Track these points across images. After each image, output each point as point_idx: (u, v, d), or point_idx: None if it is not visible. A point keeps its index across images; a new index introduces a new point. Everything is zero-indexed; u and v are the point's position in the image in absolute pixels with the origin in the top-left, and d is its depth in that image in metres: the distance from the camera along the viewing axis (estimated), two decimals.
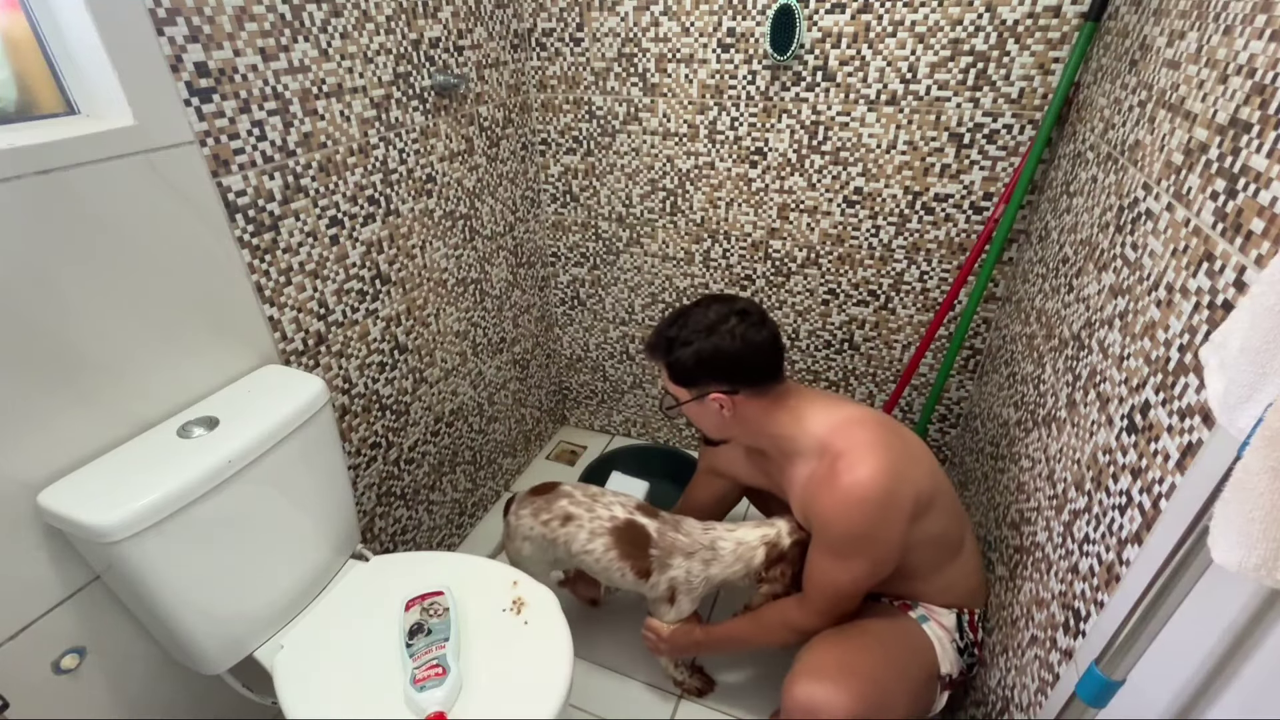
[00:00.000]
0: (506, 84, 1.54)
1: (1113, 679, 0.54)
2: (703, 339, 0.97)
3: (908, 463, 0.95)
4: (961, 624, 1.05)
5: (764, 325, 0.99)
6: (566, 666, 0.94)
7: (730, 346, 0.97)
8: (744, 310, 0.99)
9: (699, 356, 0.98)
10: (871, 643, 1.00)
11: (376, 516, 1.41)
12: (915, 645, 1.02)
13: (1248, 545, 0.37)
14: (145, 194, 0.86)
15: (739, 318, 0.98)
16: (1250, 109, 0.58)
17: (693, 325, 0.99)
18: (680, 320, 1.01)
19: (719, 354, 0.97)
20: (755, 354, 0.98)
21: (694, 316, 1.00)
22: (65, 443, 0.83)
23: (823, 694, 0.91)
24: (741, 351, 0.97)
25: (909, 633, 1.03)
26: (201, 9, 0.88)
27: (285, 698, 0.91)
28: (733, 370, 0.98)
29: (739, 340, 0.97)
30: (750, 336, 0.97)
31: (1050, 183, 1.25)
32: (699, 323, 0.99)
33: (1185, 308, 0.62)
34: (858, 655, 0.97)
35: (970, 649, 1.05)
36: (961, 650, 1.04)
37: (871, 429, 0.97)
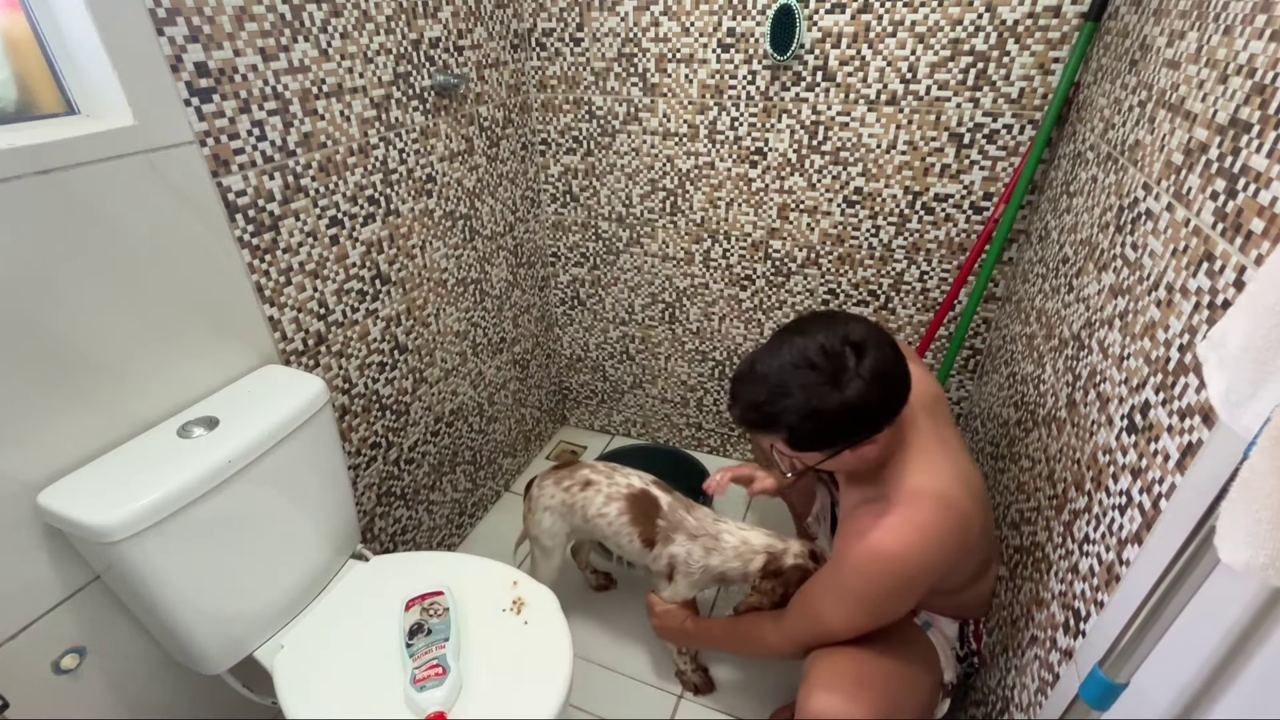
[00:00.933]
0: (506, 84, 1.54)
1: (1116, 681, 0.54)
2: (829, 397, 0.77)
3: (950, 550, 0.84)
4: (964, 634, 1.03)
5: (885, 344, 0.80)
6: (566, 666, 0.94)
7: (867, 396, 0.77)
8: (860, 341, 0.78)
9: (833, 421, 0.79)
10: (883, 652, 0.94)
11: (376, 516, 1.41)
12: (923, 654, 1.00)
13: (1255, 545, 0.37)
14: (145, 194, 0.86)
15: (856, 352, 0.78)
16: (1250, 109, 0.58)
17: (804, 384, 0.78)
18: (780, 379, 0.79)
19: (856, 410, 0.78)
20: (894, 388, 0.80)
21: (800, 372, 0.78)
22: (65, 443, 0.83)
23: (839, 706, 0.87)
24: (882, 393, 0.78)
25: (917, 641, 1.01)
26: (201, 9, 0.88)
27: (285, 698, 0.91)
28: (876, 419, 0.80)
29: (873, 383, 0.77)
30: (882, 369, 0.78)
31: (1050, 183, 1.25)
32: (815, 379, 0.78)
33: (1185, 308, 0.62)
34: (871, 666, 0.92)
35: (970, 657, 1.04)
36: (961, 658, 1.03)
37: (943, 511, 0.83)
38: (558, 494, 1.28)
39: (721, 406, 1.92)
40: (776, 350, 0.81)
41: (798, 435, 0.81)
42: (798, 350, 0.79)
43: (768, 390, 0.80)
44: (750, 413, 0.83)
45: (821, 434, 0.81)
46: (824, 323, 0.81)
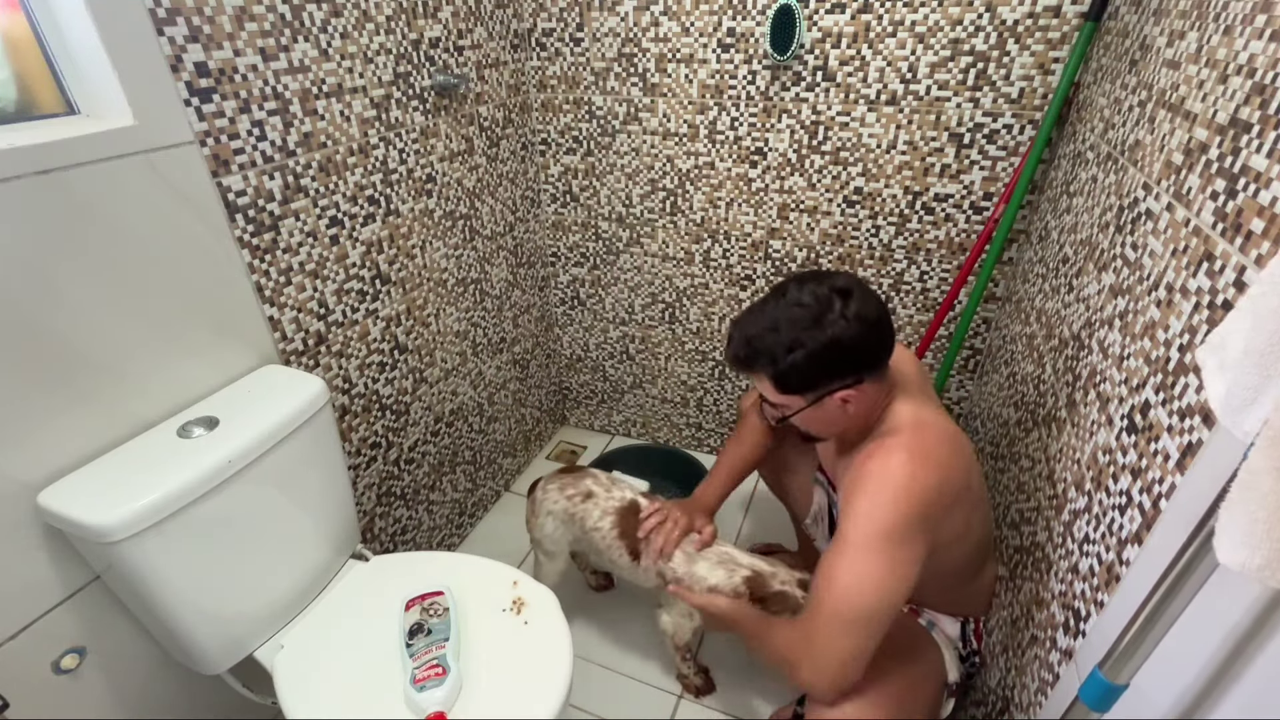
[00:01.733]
0: (506, 84, 1.54)
1: (1116, 683, 0.54)
2: (814, 334, 0.82)
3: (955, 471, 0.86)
4: (966, 633, 1.04)
5: (870, 297, 0.85)
6: (566, 666, 0.94)
7: (850, 334, 0.82)
8: (845, 288, 0.84)
9: (815, 357, 0.83)
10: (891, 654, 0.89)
11: (376, 516, 1.41)
12: (928, 654, 1.01)
13: (1252, 546, 0.37)
14: (145, 194, 0.86)
15: (842, 298, 0.83)
16: (1250, 109, 0.58)
17: (792, 321, 0.83)
18: (771, 318, 0.85)
19: (839, 347, 0.82)
20: (875, 334, 0.84)
21: (787, 310, 0.84)
22: (65, 443, 0.83)
23: (850, 707, 0.86)
24: (861, 336, 0.83)
25: (923, 642, 1.01)
26: (201, 9, 0.88)
27: (285, 698, 0.91)
28: (855, 360, 0.84)
29: (855, 323, 0.82)
30: (866, 314, 0.83)
31: (1050, 183, 1.25)
32: (800, 316, 0.83)
33: (1185, 308, 0.62)
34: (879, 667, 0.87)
35: (972, 656, 1.04)
36: (963, 658, 1.03)
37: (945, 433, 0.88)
38: (561, 501, 1.28)
39: (722, 406, 1.92)
40: (772, 297, 0.88)
41: (782, 372, 0.85)
42: (790, 295, 0.86)
43: (759, 327, 0.86)
44: (741, 347, 0.88)
45: (806, 371, 0.84)
46: (815, 275, 0.87)
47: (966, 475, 0.87)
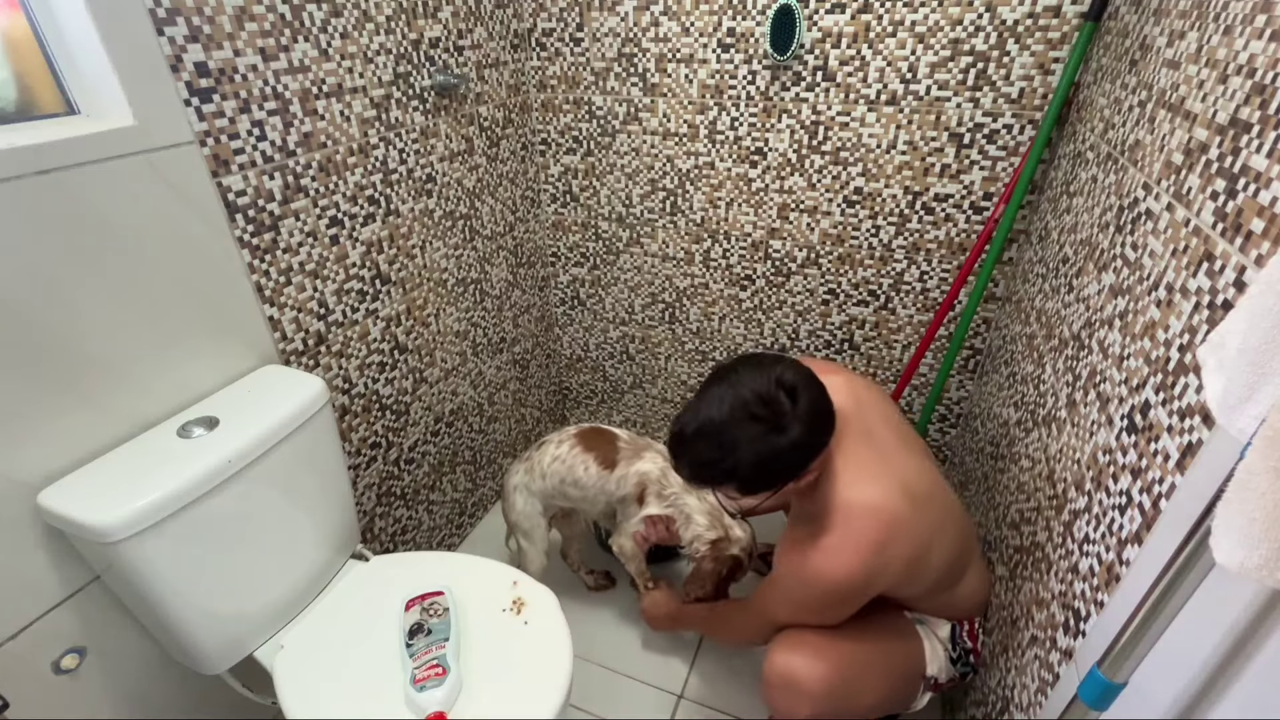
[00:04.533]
0: (506, 84, 1.54)
1: (1115, 681, 0.54)
2: (774, 443, 0.80)
3: (893, 556, 0.87)
4: (955, 635, 1.03)
5: (812, 382, 0.84)
6: (566, 666, 0.94)
7: (806, 436, 0.81)
8: (791, 384, 0.81)
9: (780, 462, 0.82)
10: (854, 628, 0.97)
11: (376, 516, 1.41)
12: (902, 638, 1.02)
13: (1249, 545, 0.37)
14: (145, 194, 0.86)
15: (790, 395, 0.80)
16: (1250, 109, 0.58)
17: (750, 437, 0.80)
18: (726, 438, 0.81)
19: (801, 449, 0.82)
20: (827, 421, 0.84)
21: (743, 425, 0.80)
22: (65, 443, 0.83)
23: (800, 663, 0.94)
24: (819, 429, 0.83)
25: (899, 628, 1.03)
26: (201, 9, 0.88)
27: (285, 698, 0.91)
28: (815, 450, 0.84)
29: (809, 421, 0.81)
30: (816, 405, 0.82)
31: (1050, 183, 1.25)
32: (755, 432, 0.80)
33: (1185, 308, 0.62)
34: (838, 634, 0.97)
35: (965, 658, 1.04)
36: (955, 659, 1.03)
37: (875, 521, 0.86)
38: (519, 469, 1.34)
39: None
40: (714, 404, 0.82)
41: (748, 484, 0.84)
42: (737, 402, 0.81)
43: (716, 447, 0.81)
44: (702, 471, 0.85)
45: (770, 477, 0.84)
46: (752, 369, 0.83)
47: (910, 542, 0.87)
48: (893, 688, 1.01)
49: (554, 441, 1.33)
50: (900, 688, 1.02)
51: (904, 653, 1.02)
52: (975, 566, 1.02)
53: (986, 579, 1.06)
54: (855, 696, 0.96)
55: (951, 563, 0.96)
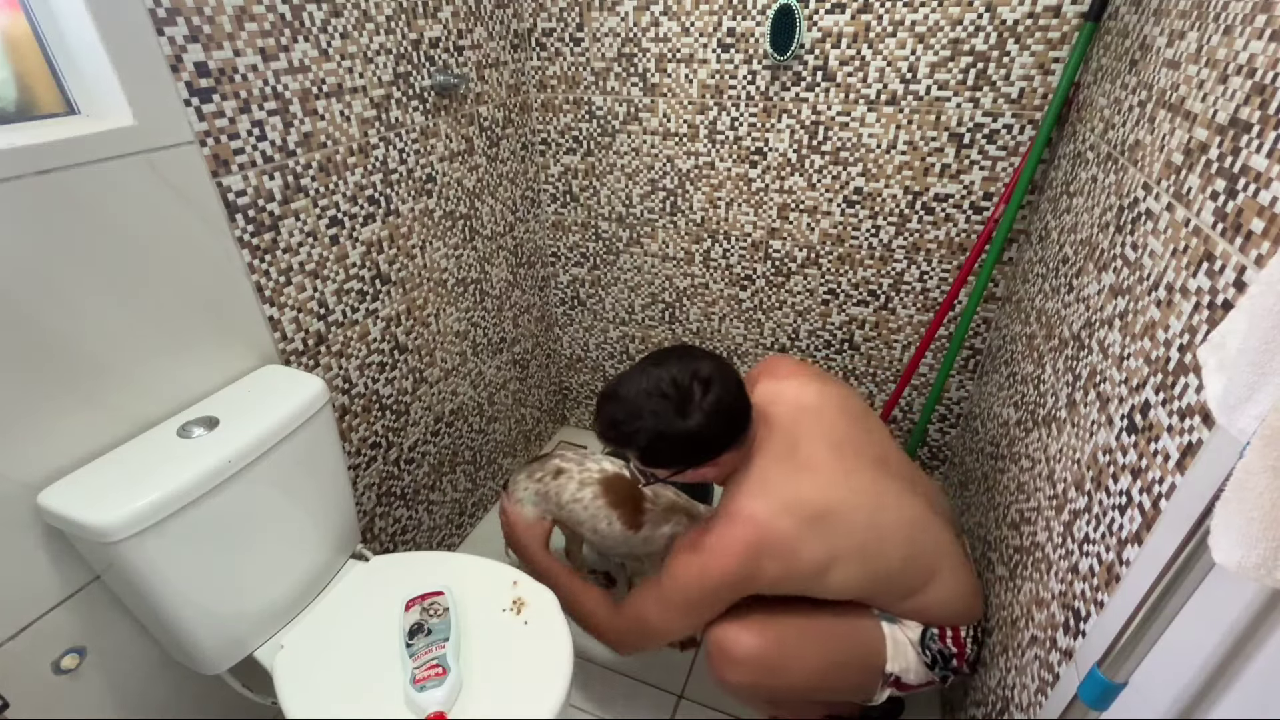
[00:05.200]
0: (506, 84, 1.54)
1: (1115, 681, 0.54)
2: (675, 424, 0.88)
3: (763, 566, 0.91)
4: (926, 638, 1.02)
5: (729, 381, 0.91)
6: (566, 666, 0.94)
7: (707, 426, 0.88)
8: (707, 376, 0.89)
9: (676, 446, 0.90)
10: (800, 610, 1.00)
11: (376, 516, 1.41)
12: (855, 629, 1.02)
13: (1247, 545, 0.37)
14: (145, 194, 0.86)
15: (703, 387, 0.88)
16: (1250, 109, 0.58)
17: (656, 411, 0.88)
18: (635, 405, 0.89)
19: (697, 438, 0.89)
20: (733, 420, 0.92)
21: (651, 398, 0.89)
22: (65, 443, 0.83)
23: (734, 634, 0.98)
24: (720, 425, 0.90)
25: (853, 618, 1.02)
26: (201, 9, 0.88)
27: (285, 698, 0.91)
28: (715, 445, 0.91)
29: (713, 415, 0.88)
30: (723, 405, 0.89)
31: (1050, 183, 1.25)
32: (662, 408, 0.88)
33: (1185, 308, 0.62)
34: (780, 613, 1.00)
35: (944, 663, 1.02)
36: (931, 663, 1.01)
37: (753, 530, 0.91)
38: (531, 485, 1.32)
39: None
40: (636, 377, 0.92)
41: (646, 453, 0.92)
42: (653, 380, 0.90)
43: (625, 412, 0.90)
44: (608, 430, 0.93)
45: (667, 454, 0.91)
46: (679, 357, 0.92)
47: (776, 559, 0.91)
48: (832, 672, 1.01)
49: (575, 478, 1.28)
50: (847, 675, 1.02)
51: (853, 641, 1.01)
52: (948, 577, 1.00)
53: (967, 588, 1.03)
54: (784, 670, 0.98)
55: (896, 574, 0.97)
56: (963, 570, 1.03)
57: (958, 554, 1.03)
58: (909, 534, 0.98)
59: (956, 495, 1.55)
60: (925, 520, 1.00)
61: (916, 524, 0.99)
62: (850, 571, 0.94)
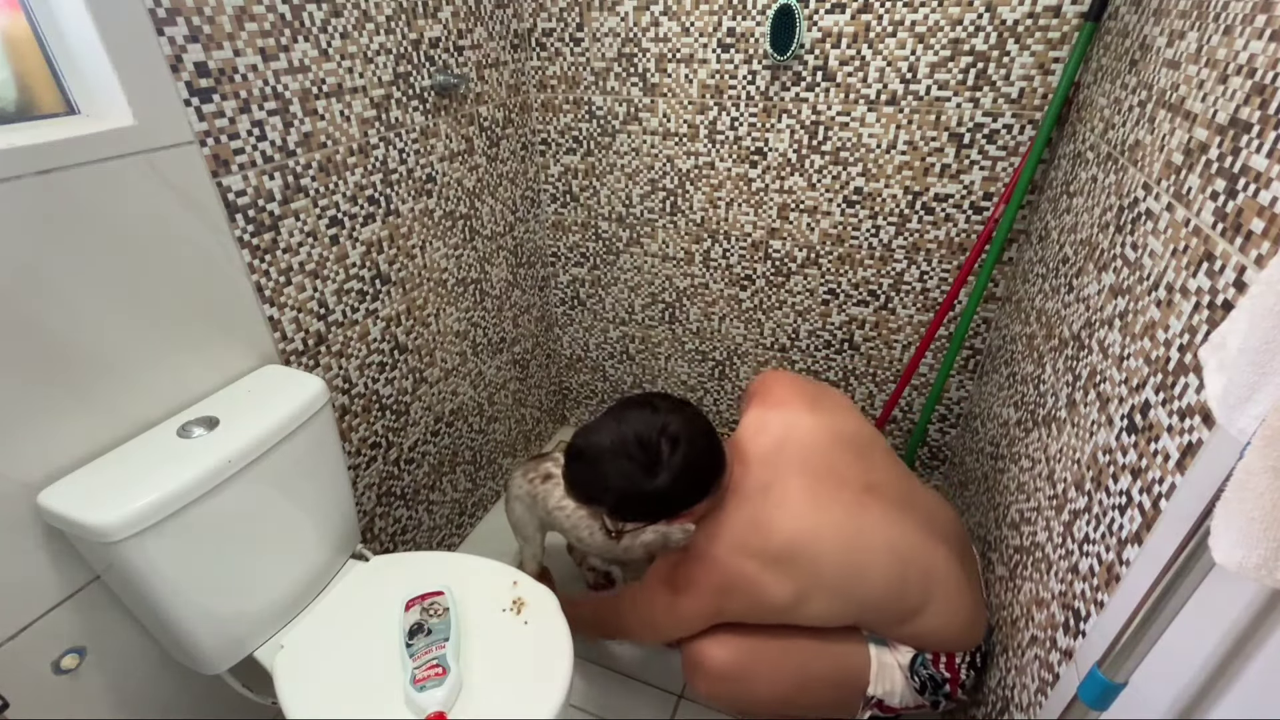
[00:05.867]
0: (506, 84, 1.54)
1: (1115, 681, 0.54)
2: (644, 484, 0.86)
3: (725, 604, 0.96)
4: (917, 664, 1.00)
5: (697, 436, 0.89)
6: (566, 666, 0.94)
7: (676, 486, 0.87)
8: (675, 434, 0.87)
9: (645, 504, 0.89)
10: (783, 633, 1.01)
11: (376, 516, 1.41)
12: (837, 651, 1.01)
13: (1248, 545, 0.37)
14: (145, 194, 0.86)
15: (671, 445, 0.86)
16: (1250, 109, 0.58)
17: (624, 473, 0.87)
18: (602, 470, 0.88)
19: (665, 498, 0.88)
20: (701, 477, 0.90)
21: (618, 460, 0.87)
22: (65, 443, 0.83)
23: (707, 647, 1.00)
24: (689, 485, 0.89)
25: (837, 640, 1.01)
26: (201, 9, 0.88)
27: (285, 698, 0.91)
28: (683, 501, 0.91)
29: (683, 473, 0.87)
30: (693, 460, 0.88)
31: (1050, 183, 1.25)
32: (629, 470, 0.86)
33: (1185, 308, 0.62)
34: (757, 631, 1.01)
35: (935, 688, 1.00)
36: (921, 689, 1.01)
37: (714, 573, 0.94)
38: (524, 485, 1.35)
39: (722, 406, 1.92)
40: (602, 433, 0.90)
41: (615, 511, 0.92)
42: (619, 438, 0.88)
43: (590, 473, 0.90)
44: (575, 489, 0.94)
45: (636, 511, 0.92)
46: (649, 411, 0.90)
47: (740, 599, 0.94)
48: (808, 689, 1.01)
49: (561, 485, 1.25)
50: (824, 693, 1.02)
51: (833, 661, 1.01)
52: (942, 605, 0.97)
53: (965, 615, 0.99)
54: (755, 684, 1.00)
55: (881, 603, 0.96)
56: (961, 597, 0.99)
57: (956, 579, 0.99)
58: (893, 563, 0.94)
59: (956, 495, 1.55)
60: (916, 548, 0.96)
61: (903, 552, 0.95)
62: (826, 604, 0.94)
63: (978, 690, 1.05)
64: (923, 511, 1.02)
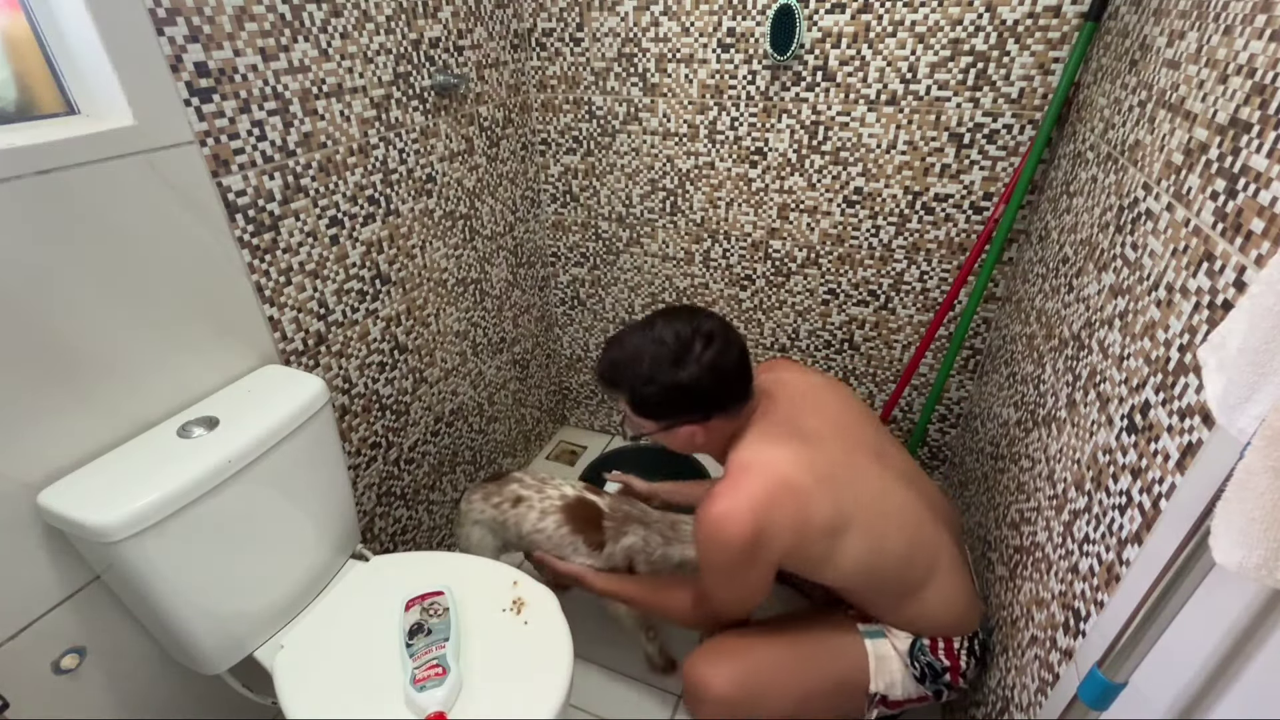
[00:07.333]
0: (506, 84, 1.54)
1: (1115, 681, 0.54)
2: (670, 373, 0.88)
3: (795, 512, 0.88)
4: (916, 650, 0.99)
5: (731, 344, 0.91)
6: (566, 666, 0.94)
7: (701, 379, 0.88)
8: (709, 332, 0.90)
9: (668, 393, 0.90)
10: (774, 636, 1.01)
11: (376, 516, 1.41)
12: (835, 652, 1.00)
13: (1248, 545, 0.37)
14: (145, 194, 0.86)
15: (704, 341, 0.89)
16: (1250, 109, 0.58)
17: (654, 356, 0.89)
18: (636, 348, 0.91)
19: (688, 391, 0.89)
20: (726, 381, 0.91)
21: (652, 344, 0.90)
22: (65, 443, 0.83)
23: (707, 673, 0.99)
24: (714, 382, 0.90)
25: (833, 639, 1.01)
26: (201, 9, 0.88)
27: (285, 698, 0.91)
28: (705, 402, 0.91)
29: (709, 371, 0.88)
30: (721, 363, 0.89)
31: (1050, 183, 1.25)
32: (660, 354, 0.89)
33: (1185, 308, 0.62)
34: (752, 644, 1.01)
35: (935, 676, 0.99)
36: (921, 677, 1.00)
37: (764, 478, 0.88)
38: (487, 509, 1.29)
39: None
40: (644, 327, 0.93)
41: (637, 399, 0.92)
42: (658, 330, 0.91)
43: (624, 354, 0.92)
44: (606, 369, 0.95)
45: (657, 401, 0.91)
46: (688, 314, 0.93)
47: (790, 508, 0.88)
48: (812, 701, 0.99)
49: (535, 507, 1.25)
50: (829, 701, 1.01)
51: (833, 665, 1.00)
52: (944, 580, 0.98)
53: (963, 596, 1.00)
54: (759, 707, 0.97)
55: (896, 565, 0.95)
56: (960, 575, 1.00)
57: (957, 558, 1.01)
58: (910, 524, 0.96)
59: (956, 495, 1.55)
60: (924, 523, 0.98)
61: (916, 516, 0.97)
62: (857, 546, 0.91)
63: (979, 688, 1.06)
64: (927, 494, 1.05)
